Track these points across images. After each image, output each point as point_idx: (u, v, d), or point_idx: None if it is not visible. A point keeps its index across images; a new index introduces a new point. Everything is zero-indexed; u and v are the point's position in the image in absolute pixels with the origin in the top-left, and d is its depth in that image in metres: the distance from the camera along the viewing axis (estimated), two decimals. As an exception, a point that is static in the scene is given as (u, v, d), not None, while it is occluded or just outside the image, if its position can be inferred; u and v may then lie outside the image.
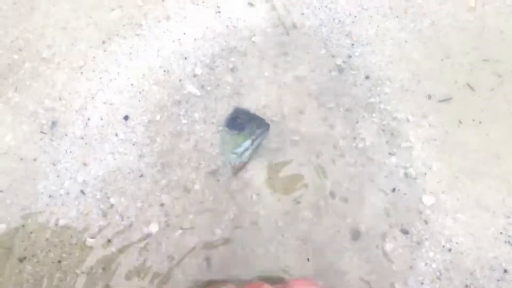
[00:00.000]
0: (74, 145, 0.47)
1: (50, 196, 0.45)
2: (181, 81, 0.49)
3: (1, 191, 0.45)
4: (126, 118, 0.48)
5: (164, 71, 0.49)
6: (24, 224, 0.45)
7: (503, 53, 0.50)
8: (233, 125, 0.47)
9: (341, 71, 0.49)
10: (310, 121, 0.48)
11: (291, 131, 0.48)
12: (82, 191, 0.46)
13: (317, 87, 0.49)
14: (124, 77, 0.49)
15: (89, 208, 0.45)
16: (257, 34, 0.50)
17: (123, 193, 0.46)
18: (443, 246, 0.45)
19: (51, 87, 0.49)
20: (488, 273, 0.44)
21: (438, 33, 0.51)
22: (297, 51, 0.50)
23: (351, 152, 0.47)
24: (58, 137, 0.47)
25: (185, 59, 0.50)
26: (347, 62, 0.50)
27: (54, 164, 0.46)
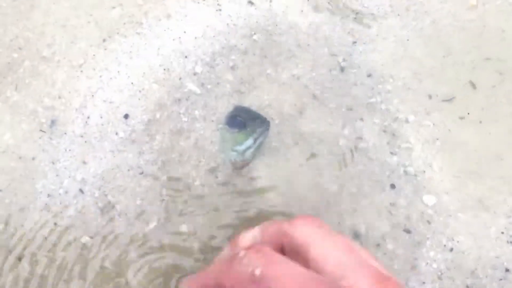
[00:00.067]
0: (73, 143, 0.47)
1: (49, 195, 0.45)
2: (181, 79, 0.49)
3: (1, 190, 0.45)
4: (126, 117, 0.48)
5: (164, 69, 0.49)
6: (22, 223, 0.44)
7: (504, 51, 0.50)
8: (233, 123, 0.47)
9: (342, 69, 0.49)
10: (310, 120, 0.48)
11: (291, 130, 0.48)
12: (81, 190, 0.45)
13: (318, 86, 0.49)
14: (124, 76, 0.49)
15: (88, 207, 0.45)
16: (257, 33, 0.50)
17: (122, 191, 0.45)
18: (445, 245, 0.45)
19: (51, 85, 0.49)
20: (490, 272, 0.44)
21: (440, 31, 0.51)
22: (298, 50, 0.50)
23: (351, 151, 0.47)
24: (57, 136, 0.47)
25: (186, 57, 0.49)
26: (348, 61, 0.50)
27: (53, 163, 0.46)
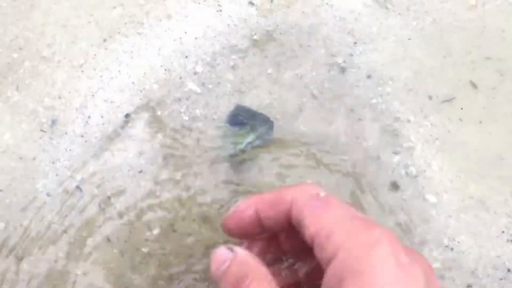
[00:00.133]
0: (74, 143, 0.47)
1: (49, 195, 0.45)
2: (182, 79, 0.49)
3: (0, 190, 0.45)
4: (127, 116, 0.48)
5: (165, 69, 0.49)
6: (23, 222, 0.44)
7: (504, 51, 0.50)
8: (234, 121, 0.47)
9: (342, 70, 0.49)
10: (311, 121, 0.48)
11: (292, 130, 0.48)
12: (81, 189, 0.45)
13: (318, 86, 0.49)
14: (125, 76, 0.49)
15: (89, 206, 0.45)
16: (258, 33, 0.50)
17: (122, 191, 0.45)
18: (446, 245, 0.45)
19: (51, 85, 0.49)
20: (491, 272, 0.44)
21: (440, 31, 0.51)
22: (298, 50, 0.50)
23: (352, 151, 0.47)
24: (57, 136, 0.47)
25: (186, 57, 0.50)
26: (348, 61, 0.50)
27: (54, 163, 0.46)
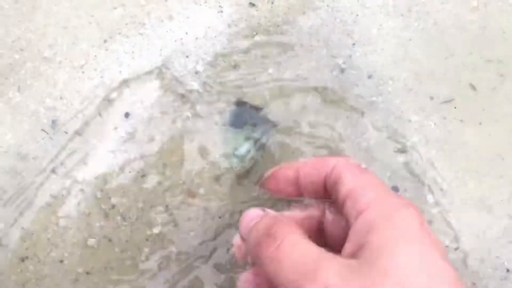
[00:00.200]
0: (75, 144, 0.47)
1: (51, 196, 0.45)
2: (183, 79, 0.49)
3: (1, 190, 0.45)
4: (127, 116, 0.48)
5: (165, 68, 0.49)
6: (25, 224, 0.44)
7: (505, 53, 0.50)
8: (235, 123, 0.47)
9: (342, 71, 0.49)
10: (312, 121, 0.48)
11: (293, 131, 0.48)
12: (83, 191, 0.46)
13: (319, 87, 0.49)
14: (126, 75, 0.49)
15: (90, 208, 0.45)
16: (259, 33, 0.50)
17: (124, 193, 0.46)
18: (447, 246, 0.45)
19: (52, 86, 0.49)
20: (491, 272, 0.44)
21: (442, 32, 0.51)
22: (299, 51, 0.50)
23: (353, 152, 0.47)
24: (59, 136, 0.47)
25: (187, 57, 0.50)
26: (348, 62, 0.50)
27: (55, 163, 0.46)
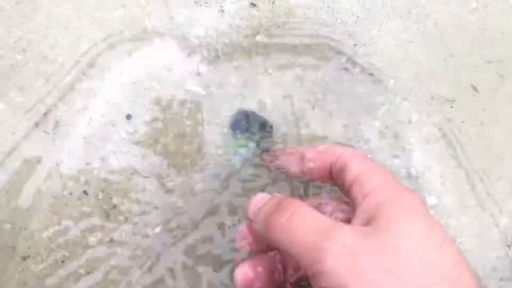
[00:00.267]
0: (76, 145, 0.47)
1: (53, 196, 0.45)
2: (184, 79, 0.49)
3: (4, 191, 0.46)
4: (129, 117, 0.48)
5: (166, 69, 0.49)
6: (27, 224, 0.45)
7: (505, 53, 0.51)
8: (237, 126, 0.47)
9: (343, 72, 0.50)
10: (313, 122, 0.48)
11: (294, 132, 0.48)
12: (85, 192, 0.46)
13: (319, 88, 0.49)
14: (127, 76, 0.49)
15: (92, 209, 0.45)
16: (260, 33, 0.50)
17: (126, 193, 0.46)
18: (446, 246, 0.45)
19: (54, 87, 0.49)
20: (491, 273, 0.45)
21: (442, 33, 0.51)
22: (299, 52, 0.50)
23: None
24: (60, 137, 0.47)
25: (188, 57, 0.50)
26: (348, 63, 0.50)
27: (57, 164, 0.46)
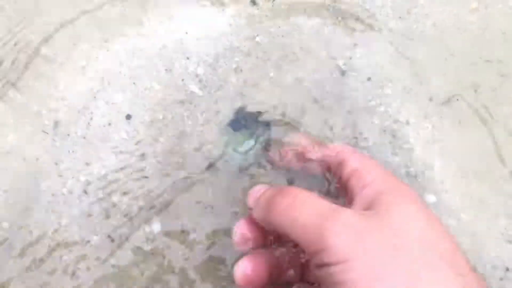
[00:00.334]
0: (76, 144, 0.47)
1: (53, 195, 0.46)
2: (183, 80, 0.49)
3: (4, 190, 0.46)
4: (129, 117, 0.48)
5: (166, 70, 0.49)
6: (27, 222, 0.45)
7: (505, 53, 0.51)
8: (236, 125, 0.47)
9: (342, 73, 0.50)
10: (312, 123, 0.48)
11: (294, 132, 0.48)
12: (85, 191, 0.46)
13: (319, 89, 0.49)
14: (127, 77, 0.49)
15: (92, 207, 0.45)
16: (260, 34, 0.51)
17: (125, 193, 0.46)
18: (446, 246, 0.45)
19: (54, 87, 0.49)
20: (491, 272, 0.45)
21: (441, 34, 0.51)
22: (300, 52, 0.50)
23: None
24: (60, 137, 0.47)
25: (188, 58, 0.50)
26: (348, 64, 0.50)
27: (57, 164, 0.47)
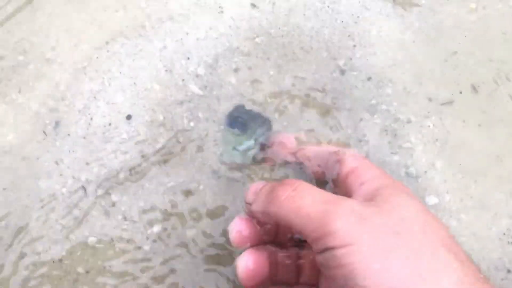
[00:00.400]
0: (77, 144, 0.47)
1: (53, 195, 0.46)
2: (184, 81, 0.49)
3: (4, 189, 0.46)
4: (129, 118, 0.48)
5: (166, 70, 0.49)
6: (27, 221, 0.45)
7: (505, 53, 0.51)
8: (235, 124, 0.47)
9: (342, 73, 0.50)
10: (312, 123, 0.48)
11: (292, 130, 0.48)
12: (85, 190, 0.46)
13: (319, 89, 0.49)
14: (127, 77, 0.49)
15: (92, 207, 0.45)
16: (260, 35, 0.51)
17: (125, 193, 0.46)
18: (446, 246, 0.45)
19: (55, 87, 0.49)
20: (492, 273, 0.44)
21: (442, 34, 0.51)
22: (300, 53, 0.50)
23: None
24: (61, 137, 0.48)
25: (188, 59, 0.50)
26: (348, 64, 0.50)
27: (57, 163, 0.47)
